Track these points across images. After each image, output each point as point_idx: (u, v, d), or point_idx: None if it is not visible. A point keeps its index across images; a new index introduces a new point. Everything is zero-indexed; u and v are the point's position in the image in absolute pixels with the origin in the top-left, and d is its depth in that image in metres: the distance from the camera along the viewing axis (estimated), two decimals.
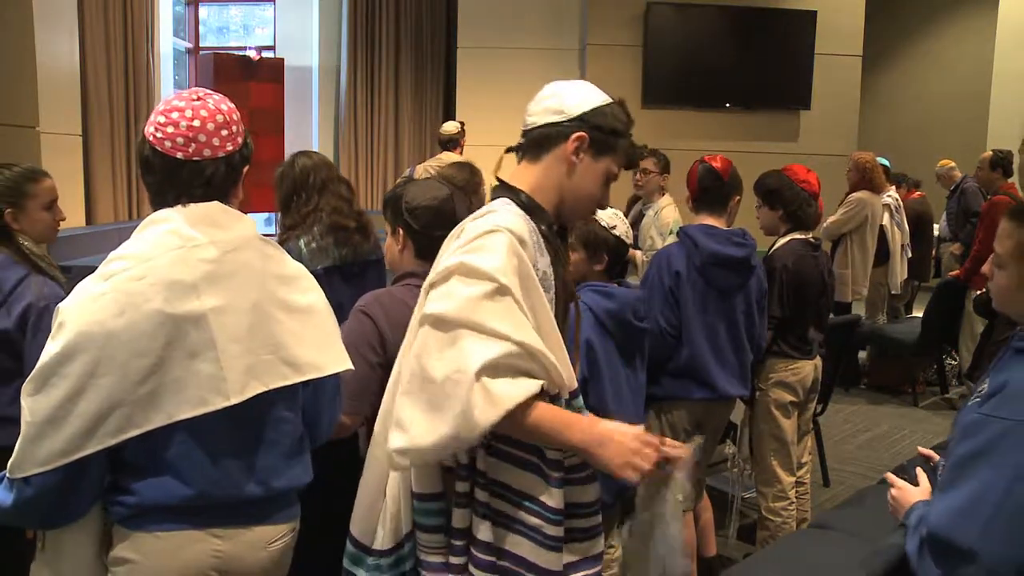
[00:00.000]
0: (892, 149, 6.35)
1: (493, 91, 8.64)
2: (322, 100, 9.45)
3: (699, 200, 2.80)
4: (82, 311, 1.37)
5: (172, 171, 1.44)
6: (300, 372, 1.51)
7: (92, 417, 1.35)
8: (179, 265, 1.40)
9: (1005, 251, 1.49)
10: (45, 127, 5.56)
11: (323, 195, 2.63)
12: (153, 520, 1.44)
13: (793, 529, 3.05)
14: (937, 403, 5.62)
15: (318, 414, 1.64)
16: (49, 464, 1.35)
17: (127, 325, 1.35)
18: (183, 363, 1.39)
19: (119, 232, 6.62)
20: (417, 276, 1.97)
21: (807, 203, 3.06)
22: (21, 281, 2.19)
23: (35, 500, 1.38)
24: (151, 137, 1.44)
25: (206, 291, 1.40)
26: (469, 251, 1.41)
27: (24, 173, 2.30)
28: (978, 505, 1.34)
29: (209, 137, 1.44)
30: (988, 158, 5.90)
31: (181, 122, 1.43)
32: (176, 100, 1.47)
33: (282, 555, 1.59)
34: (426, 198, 1.99)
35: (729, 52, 8.08)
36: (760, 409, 3.08)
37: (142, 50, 7.38)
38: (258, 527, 1.52)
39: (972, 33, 10.07)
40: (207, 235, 1.43)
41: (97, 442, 1.36)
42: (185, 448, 1.43)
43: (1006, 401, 1.38)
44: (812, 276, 3.04)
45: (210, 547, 1.47)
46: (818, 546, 2.44)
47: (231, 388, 1.42)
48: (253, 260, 1.48)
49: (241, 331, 1.43)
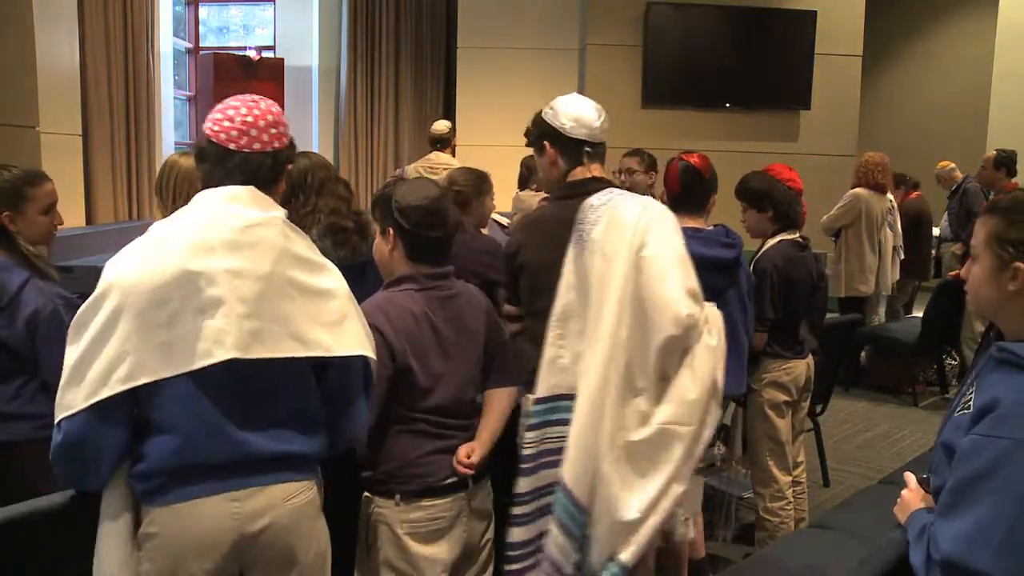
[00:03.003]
0: (892, 149, 6.33)
1: (493, 91, 8.64)
2: (322, 100, 9.44)
3: (680, 199, 2.69)
4: (115, 265, 1.50)
5: (223, 159, 1.59)
6: (307, 347, 1.56)
7: (110, 361, 1.45)
8: (205, 230, 1.52)
9: (978, 241, 1.49)
10: (45, 127, 5.55)
11: (321, 196, 2.62)
12: (168, 491, 1.51)
13: (791, 529, 3.05)
14: (937, 403, 5.62)
15: (348, 404, 1.68)
16: (72, 408, 1.44)
17: (148, 276, 1.46)
18: (194, 318, 1.47)
19: (119, 232, 6.61)
20: (414, 281, 1.97)
21: (796, 202, 3.07)
22: (24, 285, 2.19)
23: (64, 448, 1.47)
24: (208, 131, 1.61)
25: (224, 254, 1.50)
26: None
27: (23, 176, 2.29)
28: (988, 529, 1.32)
29: (260, 132, 1.61)
30: (992, 157, 5.91)
31: (236, 117, 1.60)
32: (233, 101, 1.64)
33: (307, 509, 1.62)
34: (416, 197, 1.97)
35: (729, 52, 8.08)
36: (754, 409, 3.08)
37: (142, 50, 7.38)
38: (273, 486, 1.57)
39: (972, 33, 10.07)
40: (238, 209, 1.55)
41: (110, 387, 1.44)
42: (190, 408, 1.49)
43: (1003, 420, 1.35)
44: (802, 276, 3.04)
45: (228, 510, 1.53)
46: (818, 546, 2.44)
47: (236, 343, 1.48)
48: (274, 237, 1.57)
49: (250, 295, 1.51)
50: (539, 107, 2.22)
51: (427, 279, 1.98)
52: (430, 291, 1.98)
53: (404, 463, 1.93)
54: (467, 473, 1.96)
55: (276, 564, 1.60)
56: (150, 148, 7.52)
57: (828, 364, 3.85)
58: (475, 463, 1.96)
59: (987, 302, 1.49)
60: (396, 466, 1.93)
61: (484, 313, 2.11)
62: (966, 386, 1.51)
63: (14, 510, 1.56)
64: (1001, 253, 1.43)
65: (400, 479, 1.94)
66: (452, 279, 2.05)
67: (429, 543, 1.94)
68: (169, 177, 2.44)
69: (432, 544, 1.94)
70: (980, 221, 1.50)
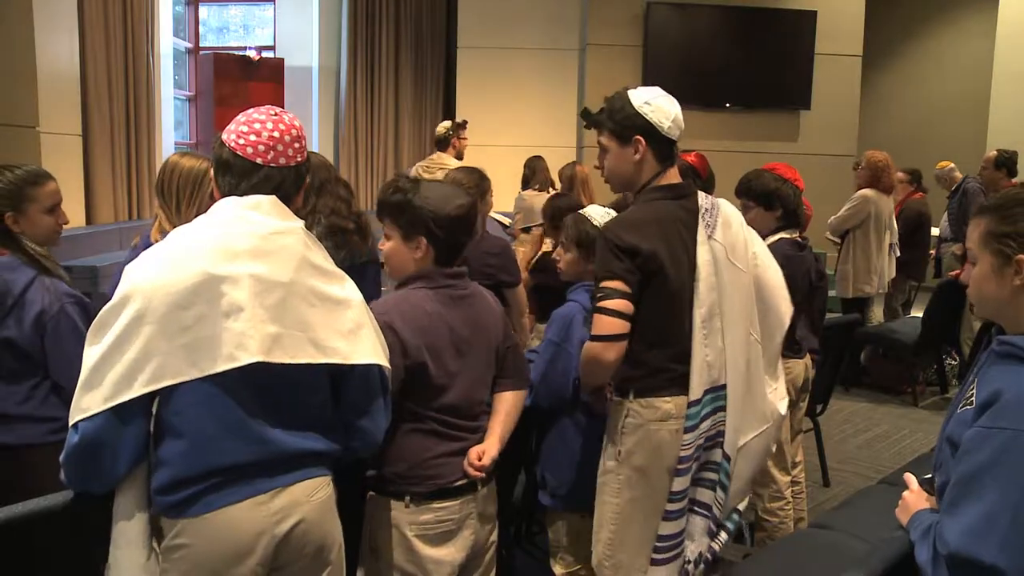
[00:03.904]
0: (892, 149, 6.32)
1: (493, 91, 8.65)
2: (322, 100, 9.45)
3: None
4: (138, 268, 1.51)
5: (249, 173, 1.60)
6: (325, 354, 1.58)
7: (133, 364, 1.44)
8: (229, 236, 1.53)
9: (974, 243, 1.49)
10: (45, 127, 5.56)
11: (321, 196, 2.63)
12: (195, 502, 1.51)
13: (791, 529, 3.05)
14: (937, 403, 5.62)
15: (368, 409, 1.70)
16: (91, 410, 1.44)
17: (173, 280, 1.47)
18: (218, 321, 1.48)
19: (119, 232, 6.62)
20: (428, 279, 1.95)
21: (801, 200, 3.06)
22: (30, 284, 2.17)
23: (79, 450, 1.46)
24: (233, 143, 1.60)
25: (247, 259, 1.52)
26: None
27: (25, 176, 2.26)
28: (994, 521, 1.33)
29: (286, 147, 1.62)
30: (993, 157, 5.90)
31: (263, 132, 1.61)
32: (256, 114, 1.64)
33: (328, 504, 1.66)
34: (452, 207, 1.94)
35: (729, 52, 8.09)
36: None
37: (142, 50, 7.38)
38: (296, 485, 1.59)
39: (972, 33, 10.07)
40: (260, 217, 1.57)
41: (134, 390, 1.44)
42: (211, 410, 1.50)
43: (1005, 411, 1.36)
44: (801, 276, 3.04)
45: (258, 514, 1.54)
46: (818, 546, 2.44)
47: (257, 346, 1.49)
48: (295, 246, 1.59)
49: (273, 301, 1.53)
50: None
51: (442, 277, 1.97)
52: (444, 289, 1.97)
53: (414, 464, 1.92)
54: (477, 476, 1.95)
55: (308, 561, 1.62)
56: (150, 148, 7.53)
57: (828, 364, 3.85)
58: (487, 465, 1.95)
59: (992, 301, 1.49)
60: (406, 467, 1.92)
61: (496, 316, 2.09)
62: (968, 382, 1.52)
63: (14, 510, 1.55)
64: (1002, 248, 1.44)
65: (411, 480, 1.92)
66: (466, 279, 2.04)
67: (438, 545, 1.93)
68: (171, 178, 2.43)
69: (441, 546, 1.94)
70: (972, 224, 1.51)
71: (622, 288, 1.98)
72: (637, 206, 2.11)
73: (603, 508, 2.15)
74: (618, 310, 1.97)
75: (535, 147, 6.71)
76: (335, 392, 1.66)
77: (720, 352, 2.07)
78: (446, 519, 1.94)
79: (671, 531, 2.09)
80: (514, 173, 6.06)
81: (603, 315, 1.97)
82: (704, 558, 2.18)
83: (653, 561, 2.10)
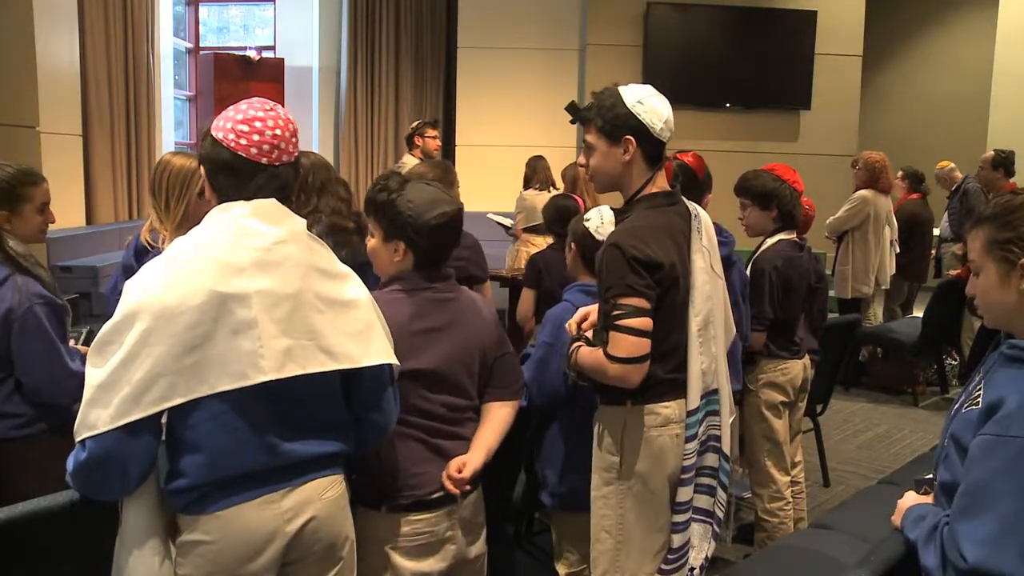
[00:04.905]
0: (892, 149, 6.33)
1: (493, 91, 8.64)
2: (322, 100, 9.44)
3: None
4: (142, 285, 1.48)
5: (253, 173, 1.56)
6: (336, 360, 1.58)
7: (140, 384, 1.43)
8: (232, 250, 1.51)
9: (977, 254, 1.48)
10: (45, 127, 5.56)
11: (322, 196, 2.62)
12: (211, 501, 1.51)
13: (791, 530, 3.04)
14: (937, 403, 5.62)
15: (379, 402, 1.70)
16: (99, 428, 1.43)
17: (180, 299, 1.45)
18: (227, 338, 1.47)
19: (119, 232, 6.62)
20: (405, 281, 1.92)
21: (799, 202, 3.07)
22: (2, 283, 2.17)
23: (88, 465, 1.44)
24: (232, 143, 1.55)
25: (253, 274, 1.50)
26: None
27: (21, 177, 2.27)
28: (1011, 530, 1.31)
29: (287, 144, 1.59)
30: (990, 158, 5.90)
31: (265, 131, 1.56)
32: (251, 110, 1.58)
33: (341, 501, 1.67)
34: (433, 215, 1.87)
35: (729, 52, 8.09)
36: (751, 410, 3.07)
37: (142, 50, 7.38)
38: (309, 483, 1.59)
39: (972, 33, 10.06)
40: (261, 226, 1.54)
41: (142, 409, 1.43)
42: (223, 424, 1.50)
43: (1014, 419, 1.34)
44: (800, 277, 3.04)
45: (270, 512, 1.54)
46: (818, 546, 2.44)
47: (269, 364, 1.49)
48: (299, 253, 1.57)
49: (282, 314, 1.52)
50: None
51: (421, 281, 1.93)
52: (423, 292, 1.92)
53: (394, 476, 1.87)
54: (455, 491, 1.88)
55: (319, 557, 1.63)
56: (150, 148, 7.53)
57: (828, 364, 3.85)
58: (466, 479, 1.89)
59: (1002, 308, 1.47)
60: (383, 476, 1.87)
61: (487, 323, 2.03)
62: (974, 382, 1.50)
63: (14, 510, 1.56)
64: (1006, 255, 1.43)
65: (388, 491, 1.87)
66: (451, 283, 1.99)
67: (417, 559, 1.88)
68: (162, 176, 2.44)
69: (421, 559, 1.89)
70: (971, 236, 1.49)
71: (643, 305, 1.88)
72: (642, 213, 2.00)
73: (601, 522, 2.07)
74: (641, 329, 1.88)
75: (535, 147, 6.70)
76: (346, 391, 1.66)
77: (713, 359, 2.07)
78: (424, 531, 1.88)
79: (680, 543, 2.05)
80: (514, 173, 6.06)
81: (626, 335, 1.87)
82: (705, 558, 2.17)
83: (661, 571, 2.06)
